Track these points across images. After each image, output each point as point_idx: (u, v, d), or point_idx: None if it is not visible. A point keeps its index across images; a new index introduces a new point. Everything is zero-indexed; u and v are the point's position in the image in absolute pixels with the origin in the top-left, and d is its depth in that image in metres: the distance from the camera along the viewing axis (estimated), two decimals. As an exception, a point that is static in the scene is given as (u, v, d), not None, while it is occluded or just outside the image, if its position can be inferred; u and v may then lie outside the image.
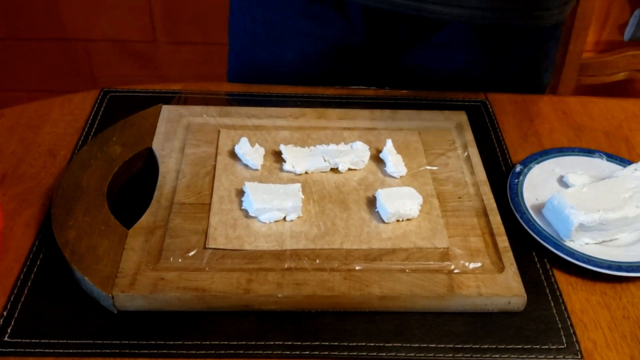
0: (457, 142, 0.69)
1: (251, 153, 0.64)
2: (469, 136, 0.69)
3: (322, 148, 0.65)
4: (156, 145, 0.66)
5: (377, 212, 0.59)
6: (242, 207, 0.59)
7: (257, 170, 0.64)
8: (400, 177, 0.64)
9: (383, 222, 0.58)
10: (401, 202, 0.58)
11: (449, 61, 0.80)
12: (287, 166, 0.63)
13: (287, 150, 0.65)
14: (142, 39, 1.54)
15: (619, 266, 0.56)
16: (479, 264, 0.55)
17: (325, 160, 0.64)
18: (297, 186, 0.60)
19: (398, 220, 0.58)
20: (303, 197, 0.60)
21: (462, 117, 0.72)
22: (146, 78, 0.78)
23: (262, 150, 0.65)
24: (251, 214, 0.58)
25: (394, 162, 0.63)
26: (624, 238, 0.60)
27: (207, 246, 0.56)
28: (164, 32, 1.53)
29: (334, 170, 0.64)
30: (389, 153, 0.64)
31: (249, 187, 0.59)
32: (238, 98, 0.77)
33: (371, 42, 0.79)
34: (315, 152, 0.65)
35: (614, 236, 0.59)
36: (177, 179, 0.62)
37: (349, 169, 0.64)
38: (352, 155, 0.64)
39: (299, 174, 0.63)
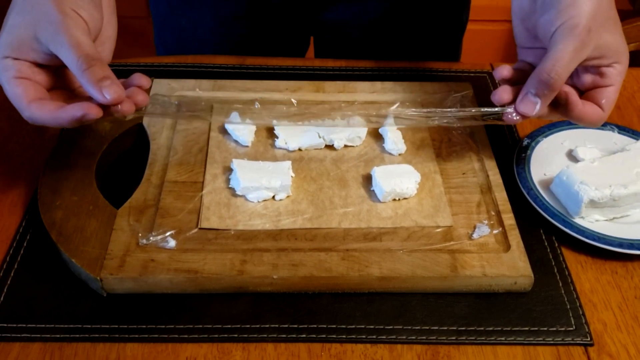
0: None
1: (241, 129, 0.61)
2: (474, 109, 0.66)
3: (317, 124, 0.62)
4: (147, 121, 0.63)
5: (373, 191, 0.57)
6: (230, 185, 0.57)
7: (250, 146, 0.61)
8: (400, 154, 0.61)
9: (380, 201, 0.56)
10: (397, 181, 0.55)
11: (365, 12, 0.78)
12: (279, 142, 0.61)
13: (280, 127, 0.62)
14: (135, 14, 1.50)
15: (630, 244, 0.54)
16: (484, 243, 0.53)
17: (319, 137, 0.61)
18: (287, 164, 0.57)
19: (395, 200, 0.56)
20: (293, 175, 0.58)
21: (466, 88, 0.69)
22: (140, 54, 0.76)
23: (252, 127, 0.62)
24: (238, 192, 0.56)
25: (394, 139, 0.61)
26: (636, 214, 0.57)
27: (199, 226, 0.54)
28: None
29: (330, 147, 0.61)
30: (389, 129, 0.61)
31: (236, 164, 0.57)
32: (232, 71, 0.74)
33: (286, 0, 0.77)
34: (310, 128, 0.62)
35: (626, 212, 0.57)
36: (168, 156, 0.60)
37: (346, 146, 0.62)
38: (349, 131, 0.61)
39: (293, 151, 0.61)
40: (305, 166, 0.60)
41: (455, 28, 0.86)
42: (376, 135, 0.63)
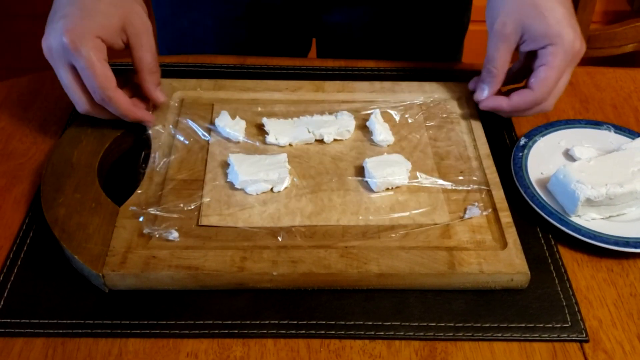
0: (459, 115, 0.66)
1: (232, 125, 0.62)
2: (472, 108, 0.67)
3: (306, 119, 0.63)
4: (148, 120, 0.64)
5: (366, 182, 0.58)
6: (228, 180, 0.58)
7: (243, 142, 0.62)
8: (388, 145, 0.62)
9: (374, 191, 0.57)
10: (389, 170, 0.56)
11: (366, 15, 0.79)
12: (270, 138, 0.62)
13: (269, 123, 0.63)
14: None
15: (626, 242, 0.54)
16: (481, 240, 0.54)
17: (309, 132, 0.62)
18: (283, 156, 0.58)
19: (388, 189, 0.57)
20: (289, 167, 0.58)
21: (465, 88, 0.70)
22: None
23: (243, 123, 0.63)
24: (237, 186, 0.56)
25: (381, 131, 0.62)
26: (631, 213, 0.58)
27: (200, 224, 0.54)
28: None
29: (320, 141, 0.62)
30: (376, 122, 0.62)
31: (233, 158, 0.58)
32: (233, 71, 0.75)
33: (288, 2, 0.78)
34: (299, 124, 0.63)
35: (622, 211, 0.57)
36: (169, 154, 0.61)
37: (335, 140, 0.62)
38: (337, 125, 0.62)
39: (283, 146, 0.62)
40: (297, 160, 0.60)
41: (457, 30, 0.86)
42: (364, 129, 0.64)
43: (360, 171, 0.59)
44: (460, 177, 0.59)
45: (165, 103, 0.62)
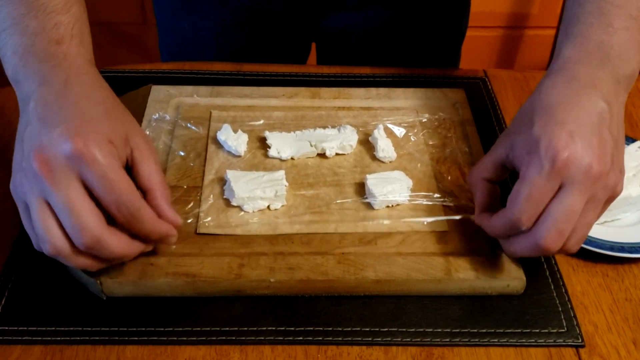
0: (455, 121, 0.67)
1: (234, 139, 0.62)
2: (468, 114, 0.67)
3: (309, 132, 0.63)
4: (145, 127, 0.64)
5: (367, 198, 0.58)
6: (224, 196, 0.57)
7: (243, 156, 0.62)
8: (390, 162, 0.62)
9: (373, 209, 0.57)
10: (390, 188, 0.56)
11: (366, 21, 0.79)
12: (272, 152, 0.61)
13: (272, 136, 0.63)
14: (131, 20, 1.51)
15: (621, 247, 0.55)
16: (477, 246, 0.54)
17: (312, 145, 0.62)
18: (281, 173, 0.58)
19: (388, 206, 0.57)
20: (287, 184, 0.58)
21: (460, 94, 0.70)
22: (137, 60, 0.78)
23: (245, 137, 0.62)
24: (233, 203, 0.56)
25: (384, 147, 0.62)
26: (626, 218, 0.58)
27: (197, 231, 0.54)
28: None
29: (322, 155, 0.62)
30: (379, 137, 0.62)
31: (230, 175, 0.57)
32: (229, 77, 0.75)
33: (288, 8, 0.78)
34: (302, 137, 0.63)
35: (617, 216, 0.58)
36: (167, 161, 0.61)
37: (337, 154, 0.62)
38: (340, 139, 0.62)
39: (285, 160, 0.61)
40: (299, 174, 0.60)
41: (455, 36, 0.87)
42: (367, 144, 0.64)
43: (360, 187, 0.59)
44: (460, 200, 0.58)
45: (181, 225, 0.50)
